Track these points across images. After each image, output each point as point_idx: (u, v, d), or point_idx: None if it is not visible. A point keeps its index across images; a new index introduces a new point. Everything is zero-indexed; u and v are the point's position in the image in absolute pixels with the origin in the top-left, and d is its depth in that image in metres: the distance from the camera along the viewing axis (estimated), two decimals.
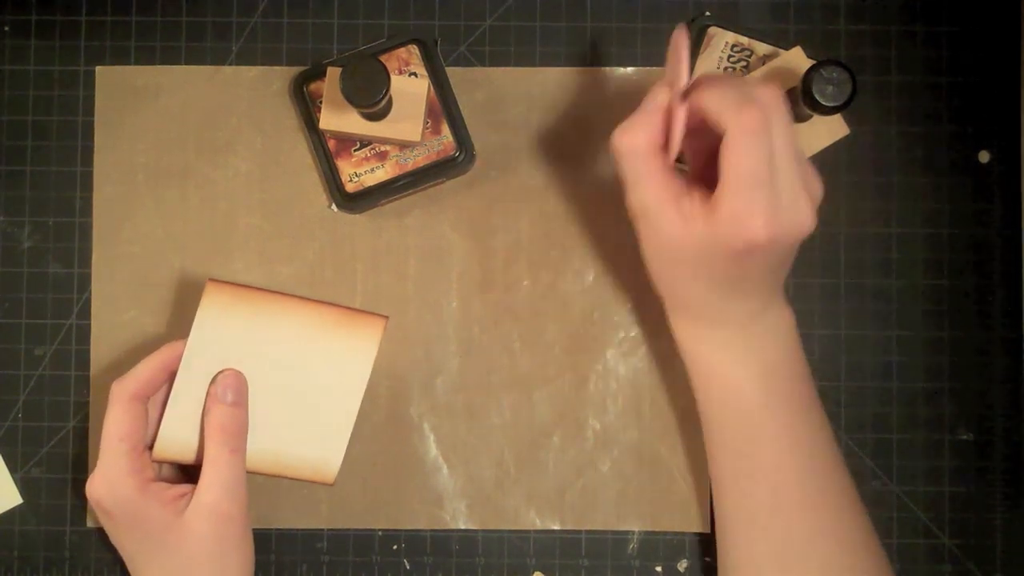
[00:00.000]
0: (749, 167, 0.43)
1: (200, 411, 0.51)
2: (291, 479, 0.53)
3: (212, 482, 0.50)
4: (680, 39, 0.46)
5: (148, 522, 0.50)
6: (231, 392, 0.51)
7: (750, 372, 0.49)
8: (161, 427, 0.51)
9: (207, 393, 0.51)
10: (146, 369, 0.51)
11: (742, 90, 0.44)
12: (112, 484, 0.50)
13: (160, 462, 0.52)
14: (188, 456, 0.52)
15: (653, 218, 0.46)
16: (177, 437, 0.52)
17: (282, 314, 0.52)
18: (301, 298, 0.52)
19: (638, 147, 0.46)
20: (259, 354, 0.52)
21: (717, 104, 0.44)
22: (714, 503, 0.53)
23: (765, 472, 0.49)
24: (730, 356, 0.49)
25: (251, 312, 0.52)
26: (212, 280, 0.51)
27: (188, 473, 0.54)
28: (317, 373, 0.52)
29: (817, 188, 0.46)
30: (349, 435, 0.53)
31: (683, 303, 0.50)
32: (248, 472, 0.52)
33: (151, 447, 0.52)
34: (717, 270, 0.46)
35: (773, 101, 0.44)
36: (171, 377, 0.52)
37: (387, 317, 0.53)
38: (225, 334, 0.51)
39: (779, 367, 0.50)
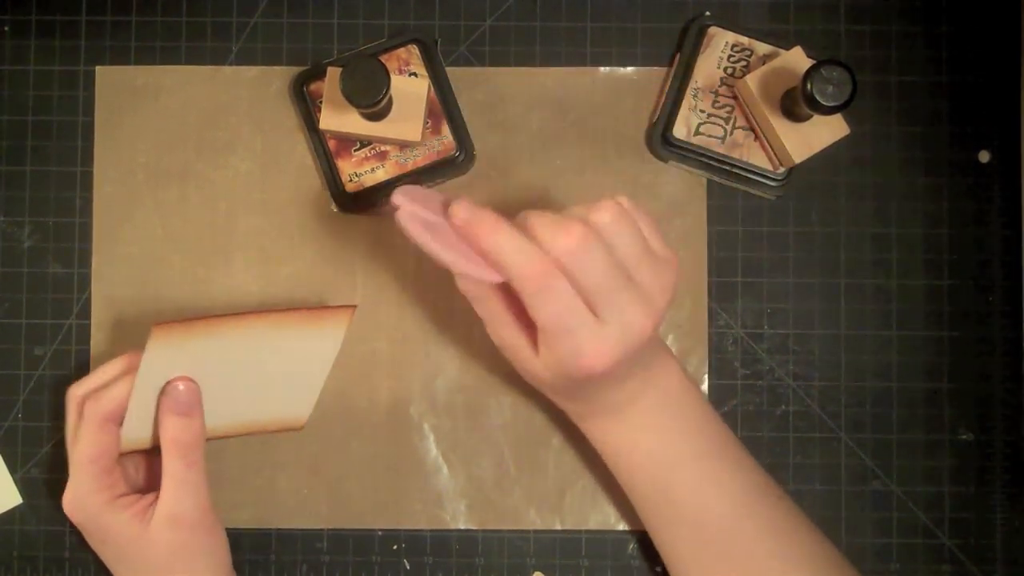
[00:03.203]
0: (550, 319, 0.44)
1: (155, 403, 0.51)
2: (261, 433, 0.54)
3: (171, 495, 0.50)
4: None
5: (117, 535, 0.51)
6: (183, 402, 0.51)
7: (650, 437, 0.50)
8: (121, 433, 0.51)
9: (159, 403, 0.51)
10: (123, 390, 0.50)
11: (526, 239, 0.44)
12: (81, 501, 0.51)
13: (125, 453, 0.52)
14: (149, 444, 0.52)
15: (512, 353, 0.48)
16: (136, 437, 0.52)
17: (236, 334, 0.50)
18: (256, 312, 0.50)
19: (481, 291, 0.47)
20: (216, 369, 0.51)
21: (499, 246, 0.44)
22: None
23: (688, 523, 0.50)
24: (629, 431, 0.50)
25: (202, 341, 0.50)
26: (157, 324, 0.48)
27: (156, 476, 0.54)
28: (282, 361, 0.52)
29: (659, 296, 0.45)
30: (320, 388, 0.54)
31: (574, 410, 0.52)
32: (220, 438, 0.53)
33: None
34: (583, 385, 0.47)
35: (574, 240, 0.43)
36: None
37: (355, 307, 0.51)
38: (176, 365, 0.50)
39: (674, 422, 0.50)
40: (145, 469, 0.55)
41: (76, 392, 0.52)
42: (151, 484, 0.54)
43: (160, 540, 0.50)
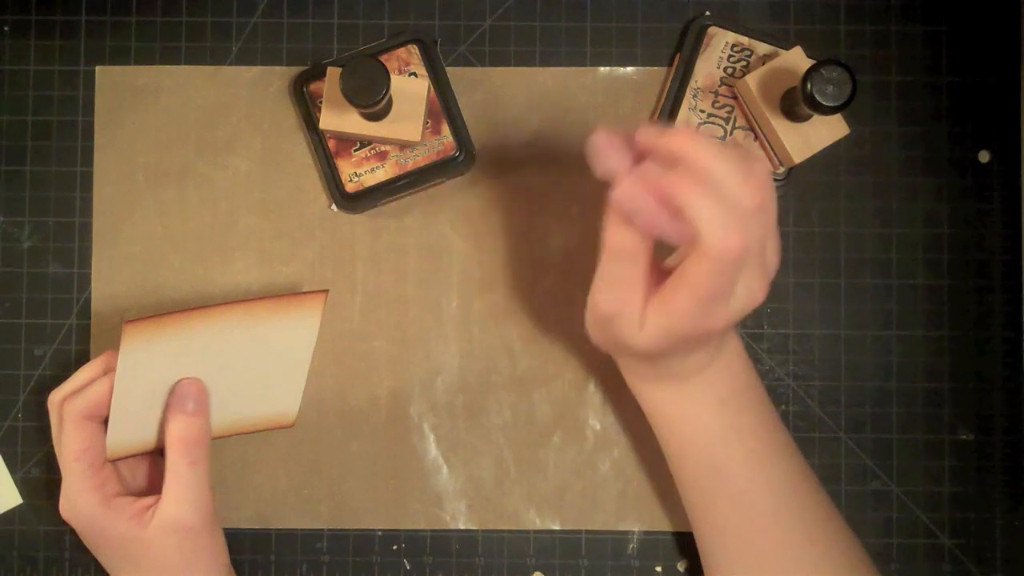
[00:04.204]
0: (711, 291, 0.42)
1: (143, 411, 0.51)
2: (251, 432, 0.55)
3: (173, 495, 0.50)
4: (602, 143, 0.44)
5: (114, 537, 0.50)
6: (191, 401, 0.51)
7: (708, 410, 0.49)
8: (107, 438, 0.51)
9: (167, 403, 0.51)
10: (100, 388, 0.50)
11: (732, 196, 0.40)
12: (74, 502, 0.50)
13: (116, 460, 0.52)
14: (141, 448, 0.52)
15: (613, 321, 0.45)
16: (124, 441, 0.52)
17: (210, 326, 0.50)
18: (227, 303, 0.50)
19: (637, 249, 0.43)
20: (195, 365, 0.51)
21: (700, 211, 0.40)
22: (692, 530, 0.53)
23: (731, 499, 0.50)
24: (688, 401, 0.50)
25: (176, 336, 0.50)
26: (127, 322, 0.48)
27: (154, 480, 0.54)
28: (262, 354, 0.52)
29: (774, 260, 0.45)
30: (303, 380, 0.54)
31: (639, 374, 0.51)
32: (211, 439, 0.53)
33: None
34: (670, 351, 0.46)
35: (764, 194, 0.41)
36: None
37: (326, 291, 0.52)
38: (154, 362, 0.50)
39: (734, 398, 0.50)
40: (143, 474, 0.55)
41: (56, 398, 0.52)
42: (149, 489, 0.54)
43: (159, 542, 0.50)
